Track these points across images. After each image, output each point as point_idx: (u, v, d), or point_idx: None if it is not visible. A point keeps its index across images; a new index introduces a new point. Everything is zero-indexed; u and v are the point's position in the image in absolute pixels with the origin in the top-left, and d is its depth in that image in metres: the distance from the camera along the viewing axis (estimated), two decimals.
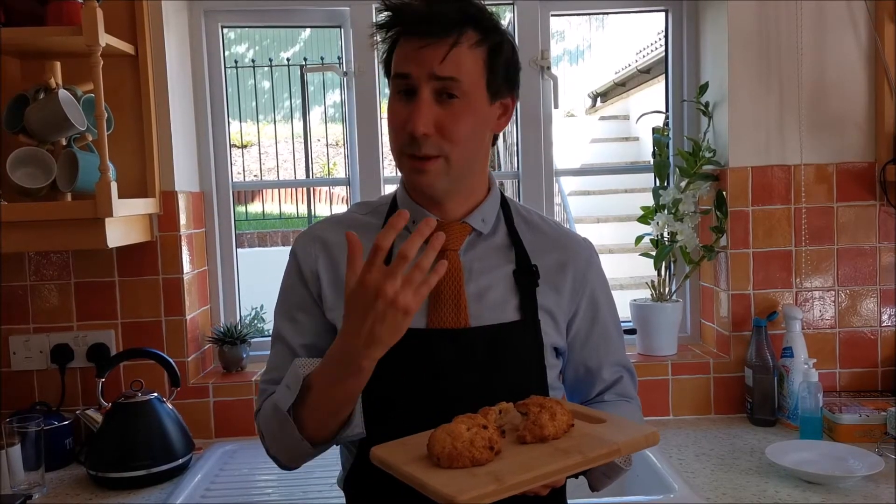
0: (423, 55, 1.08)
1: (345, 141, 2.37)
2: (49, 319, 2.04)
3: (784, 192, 2.09)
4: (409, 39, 1.09)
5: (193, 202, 2.16)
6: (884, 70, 2.03)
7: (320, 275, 1.20)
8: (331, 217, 1.29)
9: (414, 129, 1.08)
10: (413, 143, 1.10)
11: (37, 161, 1.79)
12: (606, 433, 1.00)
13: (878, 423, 1.85)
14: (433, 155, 1.10)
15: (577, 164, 6.45)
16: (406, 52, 1.10)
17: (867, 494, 1.57)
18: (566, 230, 1.30)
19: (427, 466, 0.93)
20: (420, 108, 1.08)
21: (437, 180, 1.13)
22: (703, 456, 1.83)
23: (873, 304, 2.11)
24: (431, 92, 1.09)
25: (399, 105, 1.11)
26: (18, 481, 1.70)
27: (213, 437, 2.08)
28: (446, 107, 1.09)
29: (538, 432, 0.97)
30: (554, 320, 1.21)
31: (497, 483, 0.87)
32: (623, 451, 0.97)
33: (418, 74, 1.08)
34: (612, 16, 8.89)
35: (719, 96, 2.13)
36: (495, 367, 1.14)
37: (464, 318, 1.14)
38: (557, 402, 1.01)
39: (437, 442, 0.93)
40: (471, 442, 0.92)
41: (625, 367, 1.31)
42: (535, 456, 0.94)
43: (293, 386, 1.07)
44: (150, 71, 1.98)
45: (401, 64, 1.10)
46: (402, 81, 1.10)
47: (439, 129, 1.09)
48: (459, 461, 0.91)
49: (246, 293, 2.36)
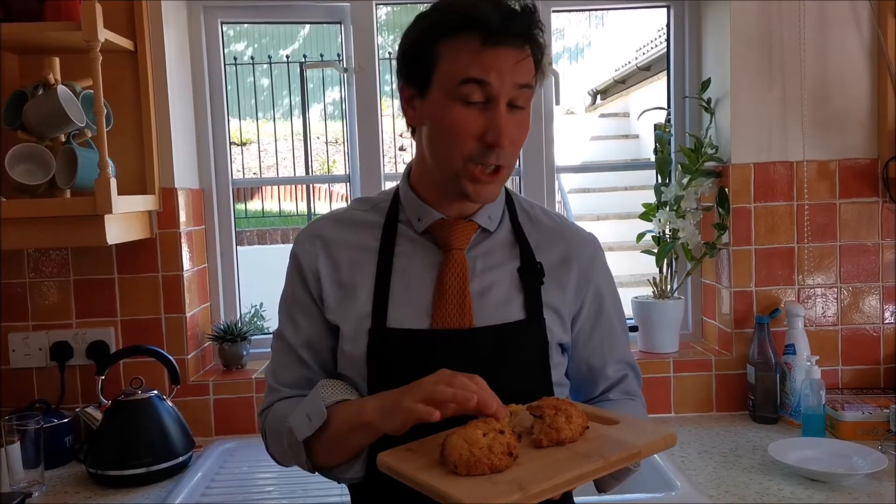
0: (509, 66, 1.06)
1: (345, 138, 2.36)
2: (48, 317, 2.03)
3: (786, 189, 2.08)
4: (490, 46, 1.05)
5: (193, 199, 2.16)
6: (887, 67, 2.03)
7: (321, 274, 1.18)
8: (331, 214, 1.27)
9: (499, 141, 1.06)
10: (486, 153, 1.07)
11: (36, 158, 1.78)
12: (624, 435, 0.98)
13: (880, 420, 1.84)
14: (504, 166, 1.10)
15: (577, 162, 6.44)
16: (485, 60, 1.05)
17: (870, 492, 1.56)
18: (570, 224, 1.29)
19: (443, 474, 0.90)
20: (505, 119, 1.06)
21: (498, 190, 1.14)
22: (705, 454, 1.83)
23: (876, 301, 2.11)
24: (506, 101, 1.07)
25: (468, 112, 1.07)
26: (18, 479, 1.70)
27: (213, 435, 2.07)
28: (514, 116, 1.09)
29: (555, 436, 0.95)
30: (559, 317, 1.19)
31: (521, 491, 0.85)
32: (644, 454, 0.95)
33: (500, 85, 1.05)
34: (611, 13, 8.90)
35: (721, 93, 2.13)
36: (500, 368, 1.12)
37: (468, 319, 1.13)
38: (571, 404, 0.99)
39: (453, 448, 0.90)
40: (489, 448, 0.89)
41: (629, 365, 1.30)
42: (554, 461, 0.91)
43: (314, 419, 1.08)
44: (150, 67, 1.97)
45: (476, 71, 1.05)
46: (478, 88, 1.06)
47: (511, 140, 1.08)
48: (478, 468, 0.88)
49: (245, 291, 2.35)
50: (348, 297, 1.16)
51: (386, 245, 1.18)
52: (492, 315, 1.14)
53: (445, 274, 1.14)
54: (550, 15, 2.26)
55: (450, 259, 1.15)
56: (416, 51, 1.10)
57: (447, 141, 1.09)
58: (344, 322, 1.16)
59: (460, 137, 1.07)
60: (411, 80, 1.13)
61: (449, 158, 1.10)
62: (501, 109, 1.06)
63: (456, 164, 1.09)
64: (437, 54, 1.08)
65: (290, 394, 1.21)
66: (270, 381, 1.24)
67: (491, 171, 1.09)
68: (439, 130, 1.10)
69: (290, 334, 1.21)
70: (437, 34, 1.08)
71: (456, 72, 1.06)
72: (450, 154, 1.09)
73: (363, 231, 1.20)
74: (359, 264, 1.17)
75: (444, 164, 1.11)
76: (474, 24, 1.05)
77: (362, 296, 1.15)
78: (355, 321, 1.15)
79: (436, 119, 1.10)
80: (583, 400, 1.28)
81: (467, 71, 1.05)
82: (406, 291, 1.15)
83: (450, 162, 1.10)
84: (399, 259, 1.17)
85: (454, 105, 1.07)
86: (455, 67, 1.06)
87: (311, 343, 1.20)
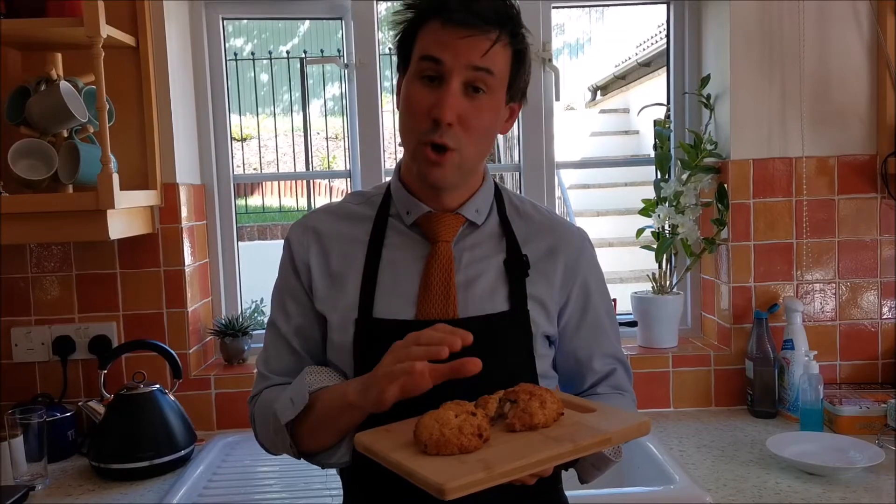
0: (462, 44, 1.07)
1: (346, 134, 2.36)
2: (51, 311, 2.04)
3: (785, 185, 2.09)
4: (448, 26, 1.08)
5: (195, 194, 2.16)
6: (886, 63, 2.03)
7: (311, 265, 1.21)
8: (326, 206, 1.29)
9: (441, 116, 1.07)
10: (434, 130, 1.09)
11: (38, 153, 1.78)
12: (597, 422, 0.99)
13: (878, 415, 1.85)
14: (451, 147, 1.10)
15: (577, 158, 6.44)
16: (443, 39, 1.08)
17: (868, 486, 1.57)
18: (558, 218, 1.30)
19: (414, 454, 0.92)
20: (450, 96, 1.08)
21: (449, 174, 1.13)
22: (704, 448, 1.84)
23: (874, 296, 2.12)
24: (461, 83, 1.08)
25: (423, 89, 1.10)
26: (21, 472, 1.71)
27: (215, 429, 2.08)
28: (472, 100, 1.10)
29: (527, 420, 0.96)
30: (545, 309, 1.20)
31: (486, 471, 0.86)
32: (615, 440, 0.96)
33: (453, 63, 1.08)
34: (612, 9, 8.89)
35: (721, 89, 2.13)
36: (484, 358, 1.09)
37: (452, 310, 1.14)
38: (547, 391, 1.00)
39: (424, 428, 0.92)
40: (459, 429, 0.91)
41: (618, 360, 1.30)
42: (524, 444, 0.93)
43: (297, 402, 1.09)
44: (151, 63, 1.98)
45: (433, 48, 1.08)
46: (432, 66, 1.09)
47: (461, 120, 1.09)
48: (447, 448, 0.90)
49: (246, 286, 2.36)
50: (337, 287, 1.18)
51: (375, 237, 1.20)
52: (476, 306, 1.16)
53: (431, 266, 1.16)
54: (551, 11, 2.26)
55: (436, 251, 1.17)
56: (402, 36, 1.15)
57: (405, 119, 1.13)
58: (332, 312, 1.18)
59: (411, 114, 1.11)
60: (399, 67, 1.18)
61: (407, 137, 1.14)
62: (451, 87, 1.08)
63: (411, 143, 1.13)
64: (415, 39, 1.12)
65: (279, 381, 1.23)
66: (261, 369, 1.26)
67: (437, 152, 1.10)
68: (402, 110, 1.14)
69: (282, 323, 1.24)
70: (417, 21, 1.12)
71: (420, 51, 1.11)
72: (407, 132, 1.13)
73: (355, 224, 1.23)
74: (349, 256, 1.20)
75: (405, 144, 1.15)
76: (439, 7, 1.09)
77: (350, 286, 1.17)
78: (343, 311, 1.17)
79: (402, 100, 1.14)
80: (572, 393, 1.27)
81: (426, 49, 1.10)
82: (393, 283, 1.17)
83: (407, 141, 1.14)
84: (388, 251, 1.19)
85: (414, 83, 1.11)
86: (421, 47, 1.11)
87: (301, 331, 1.22)
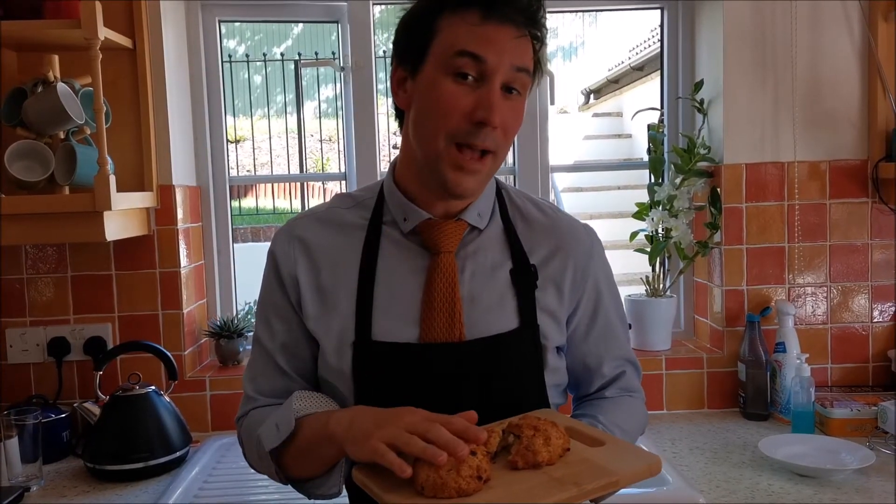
0: (511, 45, 1.00)
1: (340, 136, 2.37)
2: (46, 312, 2.04)
3: (778, 189, 2.11)
4: (490, 22, 1.00)
5: (190, 196, 2.17)
6: (877, 68, 2.05)
7: (300, 280, 1.11)
8: (312, 212, 1.18)
9: (490, 119, 0.99)
10: (473, 133, 1.00)
11: (35, 154, 1.79)
12: (605, 460, 0.92)
13: (869, 417, 1.86)
14: (492, 150, 1.02)
15: (571, 161, 6.46)
16: (485, 34, 0.99)
17: (858, 487, 1.59)
18: (564, 217, 1.22)
19: (411, 495, 0.86)
20: (497, 98, 1.00)
21: (481, 182, 1.05)
22: (696, 449, 1.85)
23: (865, 300, 2.14)
24: (502, 82, 1.01)
25: (458, 87, 1.00)
26: (16, 473, 1.71)
27: (210, 431, 2.08)
28: (507, 100, 1.02)
29: (531, 458, 0.91)
30: (555, 320, 1.14)
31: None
32: (622, 484, 0.89)
33: (498, 63, 0.99)
34: (605, 13, 8.92)
35: (714, 93, 2.15)
36: (492, 379, 1.06)
37: (458, 330, 1.05)
38: (552, 424, 0.94)
39: (420, 470, 0.86)
40: (457, 470, 0.85)
41: (628, 361, 1.25)
42: (526, 487, 0.87)
43: (283, 428, 1.02)
44: (148, 65, 1.98)
45: (474, 44, 0.99)
46: (473, 63, 0.99)
47: (502, 122, 1.01)
48: (444, 491, 0.84)
49: (240, 288, 2.36)
50: (330, 305, 1.09)
51: (369, 248, 1.10)
52: (484, 324, 1.08)
53: (433, 280, 1.07)
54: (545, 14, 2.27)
55: (438, 264, 1.08)
56: (415, 25, 1.05)
57: (433, 118, 1.02)
58: (326, 334, 1.09)
59: (447, 113, 1.00)
60: (405, 60, 1.06)
61: (433, 138, 1.02)
62: (496, 87, 1.00)
63: (439, 145, 1.02)
64: (436, 29, 1.02)
65: (265, 402, 1.16)
66: (248, 390, 1.18)
67: (479, 157, 1.02)
68: (426, 107, 1.03)
69: (266, 340, 1.15)
70: (439, 9, 1.03)
71: (451, 45, 1.00)
72: (434, 132, 1.02)
73: (346, 232, 1.13)
74: (341, 269, 1.10)
75: (427, 145, 1.03)
76: None
77: (344, 304, 1.08)
78: (338, 334, 1.08)
79: (424, 96, 1.03)
80: (580, 396, 1.26)
81: (464, 43, 0.99)
82: (391, 299, 1.08)
83: (433, 142, 1.02)
84: (383, 263, 1.10)
85: (445, 80, 1.01)
86: (451, 40, 1.00)
87: (287, 349, 1.14)
